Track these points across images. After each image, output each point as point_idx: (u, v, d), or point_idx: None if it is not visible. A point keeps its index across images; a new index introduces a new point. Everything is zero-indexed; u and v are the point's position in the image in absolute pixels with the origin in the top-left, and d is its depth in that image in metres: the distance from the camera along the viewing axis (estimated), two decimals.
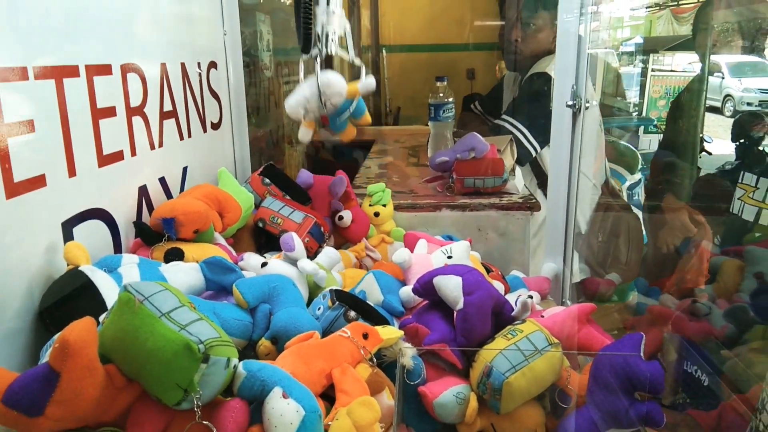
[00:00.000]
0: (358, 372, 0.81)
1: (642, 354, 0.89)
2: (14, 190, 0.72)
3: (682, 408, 0.93)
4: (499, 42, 2.83)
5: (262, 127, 2.24)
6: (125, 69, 0.99)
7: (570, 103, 1.37)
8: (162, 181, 1.13)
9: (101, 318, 0.71)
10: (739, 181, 1.51)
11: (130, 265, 0.87)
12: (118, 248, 0.97)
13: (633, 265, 1.96)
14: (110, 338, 0.62)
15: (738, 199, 1.32)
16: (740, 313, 0.97)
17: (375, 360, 0.86)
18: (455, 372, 0.96)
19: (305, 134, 1.24)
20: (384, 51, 5.49)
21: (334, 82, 1.21)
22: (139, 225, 1.00)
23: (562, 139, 1.41)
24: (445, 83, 2.01)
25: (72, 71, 0.84)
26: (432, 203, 1.60)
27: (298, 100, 1.20)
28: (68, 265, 0.80)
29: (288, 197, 1.37)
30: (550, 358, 0.91)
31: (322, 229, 1.30)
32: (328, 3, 1.17)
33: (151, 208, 1.08)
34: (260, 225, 1.28)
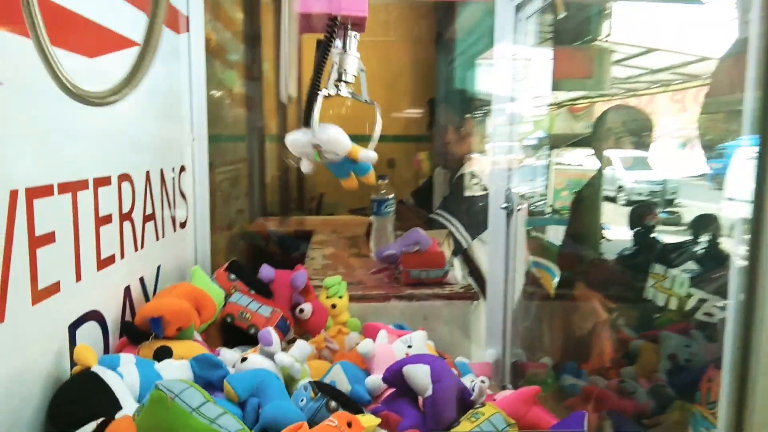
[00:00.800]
0: None
1: (585, 430, 1.03)
2: (38, 297, 0.79)
3: None
4: (431, 141, 3.11)
5: None
6: (120, 179, 1.08)
7: (504, 205, 1.58)
8: (141, 280, 1.20)
9: (118, 415, 0.77)
10: (650, 270, 1.76)
11: (128, 364, 0.93)
12: (106, 347, 1.02)
13: (560, 349, 2.15)
14: None
15: (651, 287, 1.55)
16: (660, 390, 1.14)
17: None
18: None
19: (307, 167, 1.27)
20: None
21: (334, 140, 1.20)
22: (126, 325, 1.06)
23: (498, 237, 1.61)
24: (387, 181, 2.20)
25: (83, 185, 0.93)
26: (382, 294, 1.73)
27: (296, 141, 1.19)
28: (75, 366, 0.85)
29: (253, 292, 1.45)
30: None
31: (288, 322, 1.39)
32: (344, 46, 1.21)
33: (132, 307, 1.14)
34: (228, 320, 1.35)
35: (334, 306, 1.58)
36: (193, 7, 1.53)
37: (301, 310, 1.50)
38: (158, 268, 1.31)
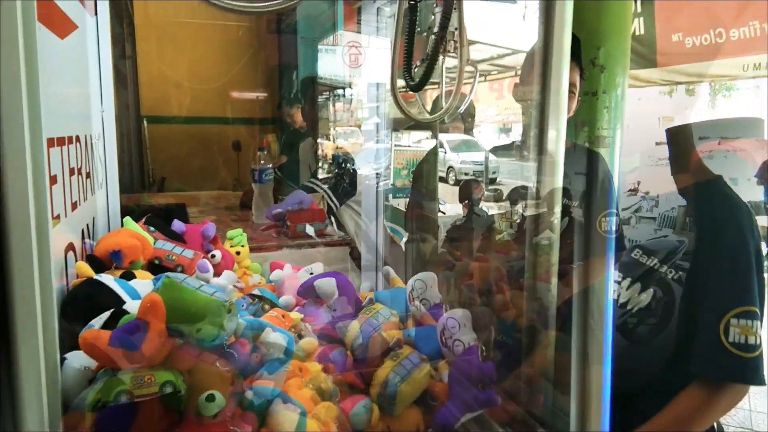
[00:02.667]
0: None
1: (480, 358, 1.44)
2: (54, 222, 1.03)
3: None
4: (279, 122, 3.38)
5: None
6: (76, 139, 1.30)
7: (375, 179, 2.00)
8: (87, 226, 1.42)
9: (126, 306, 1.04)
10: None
11: (109, 280, 1.18)
12: None
13: None
14: None
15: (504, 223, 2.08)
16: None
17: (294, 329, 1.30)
18: (358, 391, 1.40)
19: None
20: (145, 122, 5.64)
21: None
22: (91, 257, 1.29)
23: (370, 202, 2.02)
24: (265, 152, 2.51)
25: (63, 141, 1.16)
26: (275, 245, 2.07)
27: None
28: (78, 278, 1.10)
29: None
30: (423, 369, 1.40)
31: (208, 262, 1.67)
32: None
33: (84, 246, 1.36)
34: (156, 262, 1.60)
35: (238, 253, 1.88)
36: None
37: (213, 256, 1.78)
38: (93, 219, 1.52)
